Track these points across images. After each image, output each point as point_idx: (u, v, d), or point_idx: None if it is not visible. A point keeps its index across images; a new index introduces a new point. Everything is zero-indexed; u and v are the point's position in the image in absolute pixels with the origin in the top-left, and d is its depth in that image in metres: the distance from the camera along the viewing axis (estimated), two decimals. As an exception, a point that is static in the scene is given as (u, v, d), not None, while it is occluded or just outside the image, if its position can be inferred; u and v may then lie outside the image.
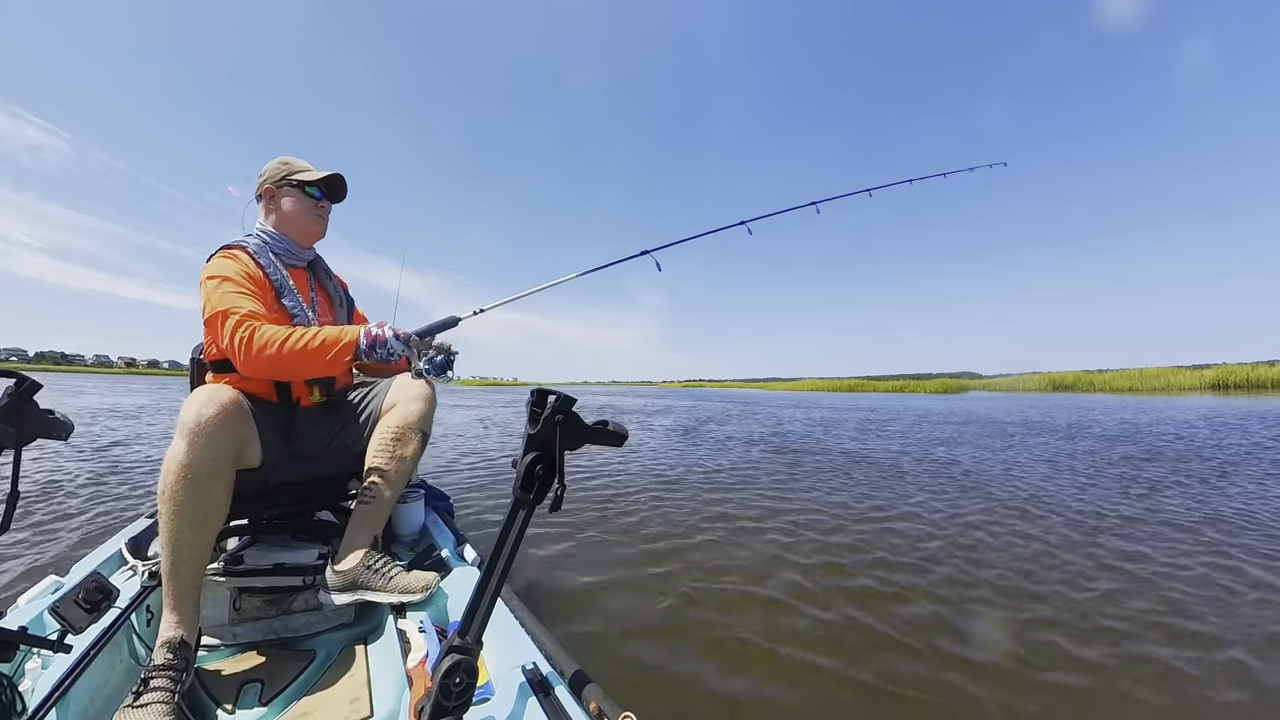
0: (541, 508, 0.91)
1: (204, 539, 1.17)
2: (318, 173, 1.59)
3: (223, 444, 1.16)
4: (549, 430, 0.88)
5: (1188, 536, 2.99)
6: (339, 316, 1.69)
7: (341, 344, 1.30)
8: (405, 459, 1.44)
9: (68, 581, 1.35)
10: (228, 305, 1.31)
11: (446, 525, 1.83)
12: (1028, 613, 2.05)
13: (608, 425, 0.96)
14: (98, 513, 3.20)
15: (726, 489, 4.24)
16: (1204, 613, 2.05)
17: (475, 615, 0.87)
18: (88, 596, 1.08)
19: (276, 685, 1.19)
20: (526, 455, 0.89)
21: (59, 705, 0.97)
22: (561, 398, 0.89)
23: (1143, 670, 1.68)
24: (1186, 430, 8.35)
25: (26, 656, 1.08)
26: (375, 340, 1.32)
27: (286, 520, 1.56)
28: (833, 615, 2.02)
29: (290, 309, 1.48)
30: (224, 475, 1.18)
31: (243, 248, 1.48)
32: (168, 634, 1.10)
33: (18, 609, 1.22)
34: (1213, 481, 4.45)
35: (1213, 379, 35.01)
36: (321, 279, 1.69)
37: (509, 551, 0.89)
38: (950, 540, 2.93)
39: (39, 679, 1.04)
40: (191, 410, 1.15)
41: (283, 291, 1.48)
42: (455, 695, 0.82)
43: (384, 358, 1.33)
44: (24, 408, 0.91)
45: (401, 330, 1.37)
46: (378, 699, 1.13)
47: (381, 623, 1.38)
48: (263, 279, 1.46)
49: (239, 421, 1.22)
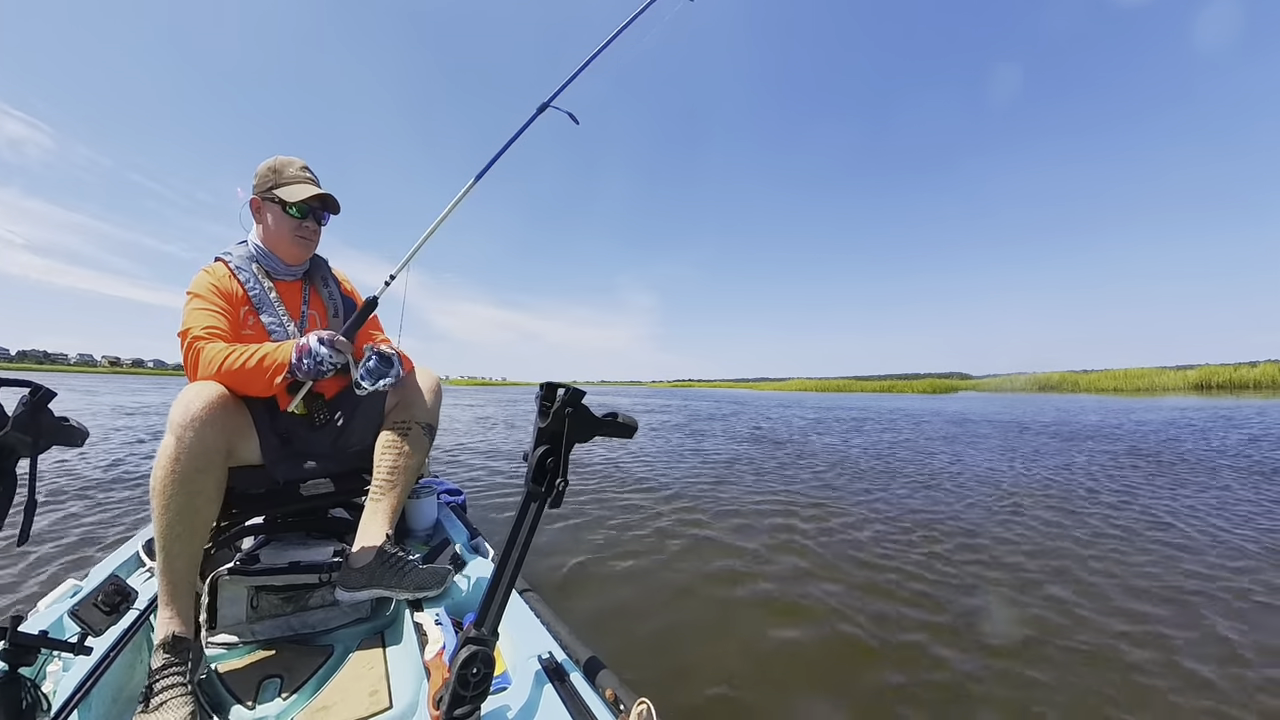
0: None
1: (196, 534, 1.16)
2: (301, 191, 1.45)
3: (211, 438, 1.15)
4: (558, 423, 0.88)
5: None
6: (334, 327, 1.57)
7: (276, 363, 1.25)
8: (412, 455, 1.44)
9: (86, 585, 1.37)
10: (189, 324, 1.31)
11: (459, 519, 1.84)
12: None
13: (617, 417, 0.96)
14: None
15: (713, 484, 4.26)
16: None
17: (490, 606, 0.88)
18: (106, 599, 1.09)
19: (296, 680, 1.20)
20: (537, 448, 0.89)
21: (81, 707, 0.99)
22: (571, 391, 0.89)
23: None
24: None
25: (48, 659, 1.10)
26: (302, 351, 1.25)
27: (300, 518, 1.57)
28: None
29: (268, 325, 1.43)
30: (213, 470, 1.17)
31: (224, 260, 1.46)
32: (163, 633, 1.09)
33: (38, 613, 1.23)
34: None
35: (1196, 380, 35.71)
36: (319, 286, 1.61)
37: (522, 543, 0.89)
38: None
39: (60, 681, 1.05)
40: (179, 407, 1.14)
41: (261, 307, 1.44)
42: (473, 685, 0.82)
43: (313, 369, 1.26)
44: (39, 416, 0.91)
45: (327, 333, 1.28)
46: (396, 691, 1.14)
47: (398, 616, 1.40)
48: (238, 294, 1.42)
49: (227, 416, 1.20)
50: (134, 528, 2.89)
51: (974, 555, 2.56)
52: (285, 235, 1.47)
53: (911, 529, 3.00)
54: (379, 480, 1.41)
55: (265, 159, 1.48)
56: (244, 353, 1.25)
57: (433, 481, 2.01)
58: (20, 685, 0.92)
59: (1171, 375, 37.46)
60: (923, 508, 3.47)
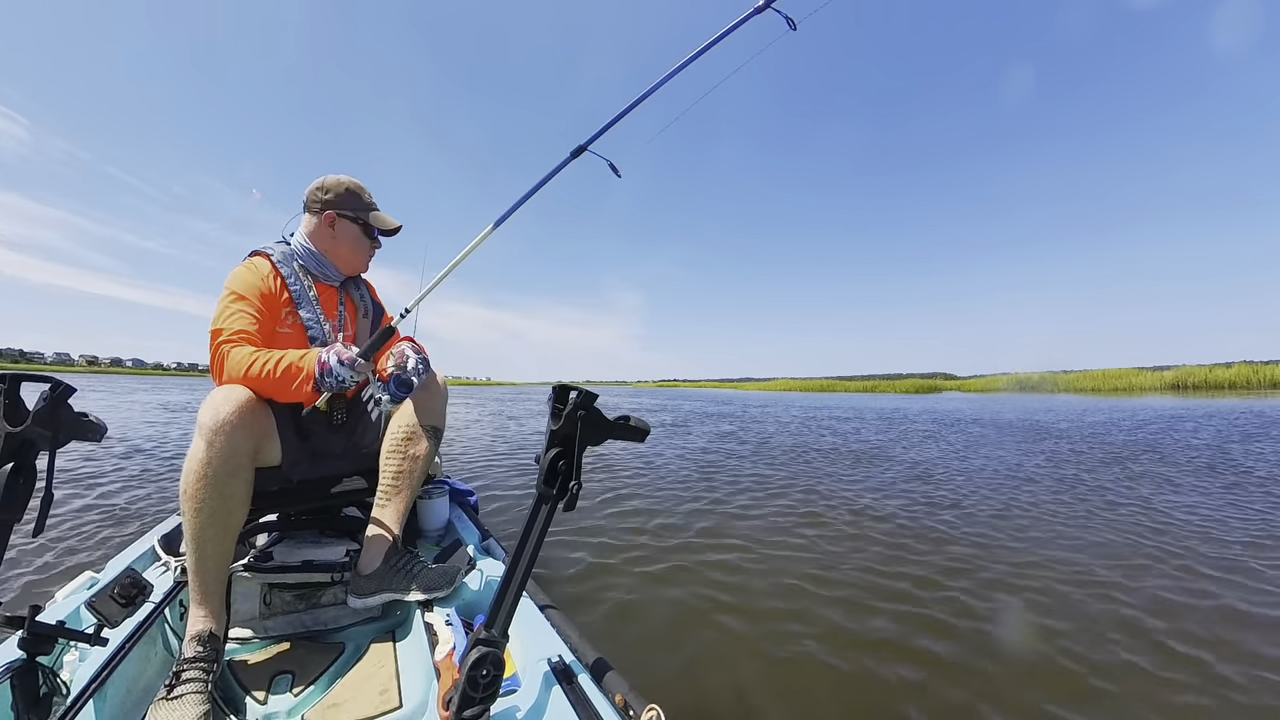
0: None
1: (227, 535, 1.18)
2: (388, 221, 1.61)
3: (240, 442, 1.17)
4: (571, 425, 0.88)
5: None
6: (362, 328, 1.66)
7: (302, 374, 1.26)
8: (418, 458, 1.44)
9: (103, 577, 1.39)
10: (221, 324, 1.32)
11: (471, 520, 1.84)
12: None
13: (629, 421, 0.95)
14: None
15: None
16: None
17: (501, 608, 0.88)
18: (122, 592, 1.11)
19: (307, 677, 1.21)
20: (549, 451, 0.89)
21: (96, 696, 1.00)
22: (583, 394, 0.89)
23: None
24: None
25: (64, 649, 1.11)
26: (324, 369, 1.26)
27: (314, 517, 1.59)
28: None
29: (305, 321, 1.47)
30: (243, 473, 1.19)
31: (267, 255, 1.48)
32: (196, 627, 1.12)
33: (56, 603, 1.25)
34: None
35: (1172, 380, 36.37)
36: (351, 291, 1.67)
37: (533, 546, 0.89)
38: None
39: (77, 671, 1.07)
40: (209, 411, 1.16)
41: (300, 303, 1.47)
42: (483, 687, 0.82)
43: (334, 386, 1.27)
44: (59, 410, 0.93)
45: (346, 354, 1.29)
46: (406, 690, 1.14)
47: (409, 616, 1.40)
48: (279, 290, 1.45)
49: (256, 420, 1.23)
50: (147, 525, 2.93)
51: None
52: (359, 250, 1.60)
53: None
54: (385, 484, 1.41)
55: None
56: (268, 360, 1.26)
57: (445, 481, 2.02)
58: (38, 673, 0.94)
59: (1149, 376, 38.09)
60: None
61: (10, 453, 0.89)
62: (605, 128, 1.59)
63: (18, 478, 0.89)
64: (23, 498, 0.91)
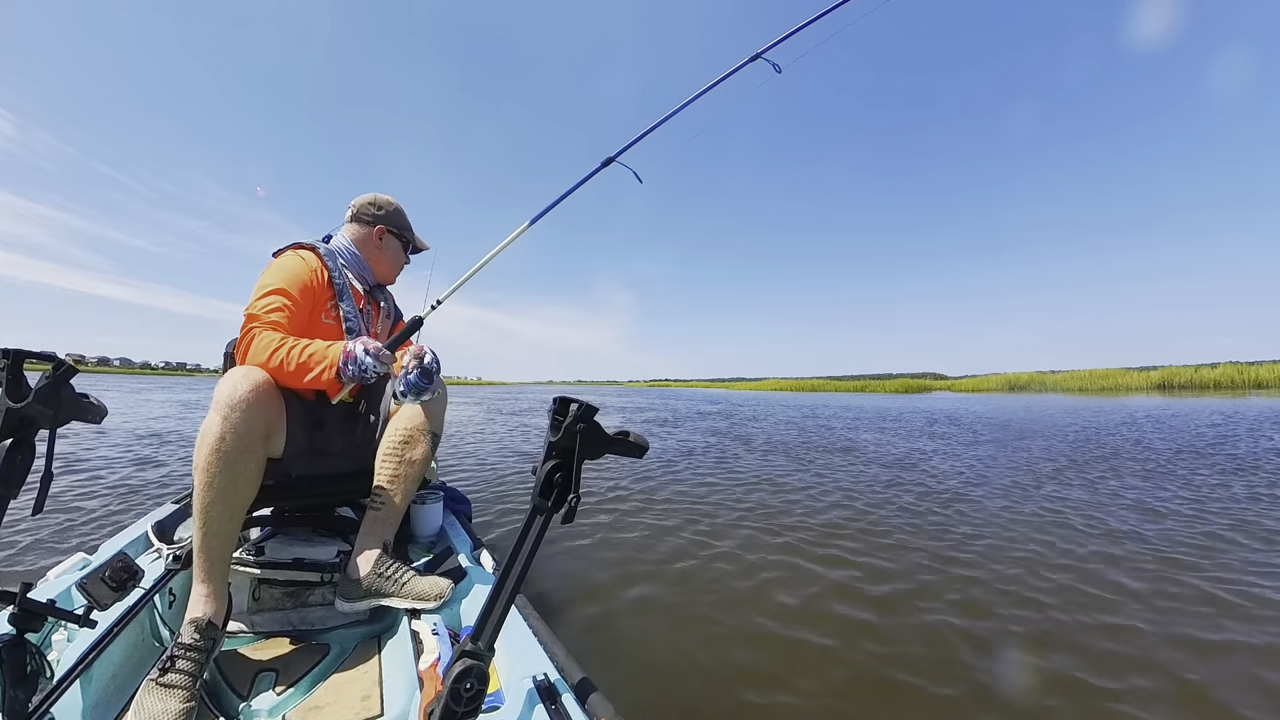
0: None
1: (234, 514, 1.19)
2: (426, 244, 1.85)
3: (255, 420, 1.19)
4: (569, 439, 0.87)
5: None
6: (383, 330, 1.76)
7: (326, 362, 1.29)
8: (415, 462, 1.44)
9: (95, 560, 1.39)
10: (258, 309, 1.35)
11: (464, 528, 1.83)
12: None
13: (629, 436, 0.95)
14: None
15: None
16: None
17: (489, 622, 0.87)
18: (114, 575, 1.11)
19: (291, 676, 1.20)
20: (547, 463, 0.88)
21: (82, 678, 1.00)
22: (583, 406, 0.88)
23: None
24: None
25: (53, 629, 1.11)
26: (349, 357, 1.29)
27: (307, 513, 1.58)
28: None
29: (345, 313, 1.54)
30: (254, 452, 1.20)
31: (314, 249, 1.55)
32: (196, 612, 1.12)
33: (47, 582, 1.25)
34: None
35: (1159, 380, 36.41)
36: (377, 294, 1.77)
37: (525, 559, 0.88)
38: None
39: (64, 650, 1.07)
40: (227, 387, 1.18)
41: (343, 295, 1.55)
42: (465, 701, 0.81)
43: (357, 375, 1.29)
44: (60, 390, 0.94)
45: (374, 344, 1.32)
46: (388, 698, 1.13)
47: (396, 622, 1.39)
48: (326, 281, 1.52)
49: (270, 401, 1.24)
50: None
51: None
52: (396, 264, 1.79)
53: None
54: (379, 487, 1.41)
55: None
56: (294, 346, 1.28)
57: (439, 488, 2.01)
58: (26, 649, 0.94)
59: (1135, 376, 37.97)
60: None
61: (11, 428, 0.90)
62: (630, 144, 1.94)
63: (17, 454, 0.90)
64: (21, 474, 0.91)
